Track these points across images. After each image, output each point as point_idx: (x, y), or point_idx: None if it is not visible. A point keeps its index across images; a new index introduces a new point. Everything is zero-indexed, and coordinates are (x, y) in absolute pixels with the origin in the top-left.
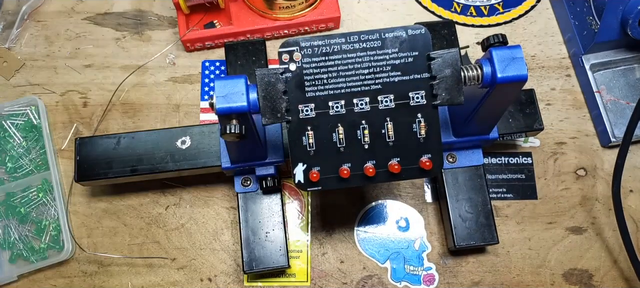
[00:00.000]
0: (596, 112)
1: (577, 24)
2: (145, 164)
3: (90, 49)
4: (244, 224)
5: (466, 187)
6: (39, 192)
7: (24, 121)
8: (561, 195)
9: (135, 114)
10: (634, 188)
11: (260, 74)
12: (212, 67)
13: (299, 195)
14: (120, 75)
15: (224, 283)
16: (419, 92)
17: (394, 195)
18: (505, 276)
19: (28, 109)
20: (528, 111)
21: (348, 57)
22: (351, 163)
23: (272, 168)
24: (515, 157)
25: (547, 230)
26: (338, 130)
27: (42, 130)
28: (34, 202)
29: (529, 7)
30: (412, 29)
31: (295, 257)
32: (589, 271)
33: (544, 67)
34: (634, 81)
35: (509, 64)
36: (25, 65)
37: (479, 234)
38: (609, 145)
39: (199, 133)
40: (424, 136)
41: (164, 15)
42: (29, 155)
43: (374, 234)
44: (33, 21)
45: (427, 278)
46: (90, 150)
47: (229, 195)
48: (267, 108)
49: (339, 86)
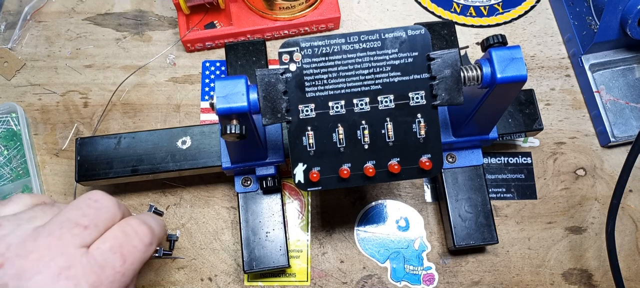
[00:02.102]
0: (595, 112)
1: (577, 24)
2: (146, 164)
3: (90, 49)
4: (244, 224)
5: (466, 187)
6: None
7: (5, 129)
8: (561, 195)
9: (136, 114)
10: (634, 188)
11: (261, 74)
12: (213, 68)
13: (299, 195)
14: (121, 75)
15: (225, 282)
16: (418, 92)
17: (394, 195)
18: (504, 276)
19: (8, 116)
20: (527, 111)
21: (348, 58)
22: (351, 164)
23: (273, 168)
24: (515, 157)
25: (547, 230)
26: (338, 130)
27: (22, 138)
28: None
29: (528, 8)
30: (412, 30)
31: (296, 256)
32: (589, 271)
33: (543, 67)
34: (634, 81)
35: (508, 64)
36: (25, 65)
37: (479, 234)
38: (609, 145)
39: (200, 133)
40: (423, 136)
41: (165, 15)
42: (10, 165)
43: (374, 234)
44: (34, 21)
45: (426, 277)
46: (90, 150)
47: (229, 195)
48: (267, 108)
49: (339, 86)
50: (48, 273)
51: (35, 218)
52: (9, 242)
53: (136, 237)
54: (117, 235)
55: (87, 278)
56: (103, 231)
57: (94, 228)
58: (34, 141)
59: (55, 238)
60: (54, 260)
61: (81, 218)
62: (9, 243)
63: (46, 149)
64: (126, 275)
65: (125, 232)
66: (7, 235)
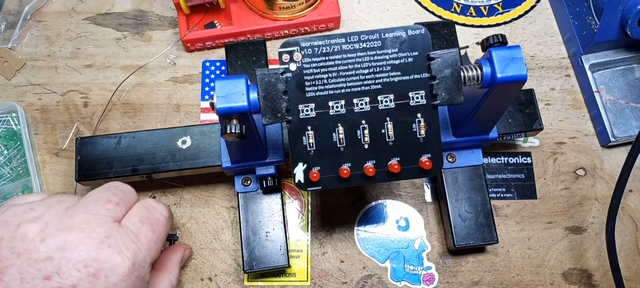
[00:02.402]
0: (595, 112)
1: (577, 24)
2: (146, 164)
3: (91, 49)
4: (245, 224)
5: (466, 186)
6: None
7: (5, 129)
8: (561, 195)
9: (136, 114)
10: (634, 188)
11: (261, 74)
12: (213, 67)
13: (299, 194)
14: (121, 75)
15: (225, 282)
16: (418, 92)
17: (394, 195)
18: (504, 275)
19: (8, 116)
20: (527, 111)
21: (348, 57)
22: (351, 163)
23: (273, 168)
24: (515, 156)
25: (547, 229)
26: (338, 130)
27: (22, 137)
28: None
29: (528, 8)
30: (412, 29)
31: (296, 256)
32: (589, 271)
33: (543, 67)
34: (634, 81)
35: (508, 64)
36: (26, 65)
37: (479, 234)
38: (609, 145)
39: (200, 133)
40: (423, 136)
41: (165, 15)
42: (10, 164)
43: (374, 234)
44: (34, 21)
45: (426, 277)
46: (91, 149)
47: (229, 194)
48: (267, 108)
49: (339, 86)
50: (91, 243)
51: (64, 201)
52: (46, 220)
53: (157, 211)
54: (140, 210)
55: (126, 245)
56: (128, 209)
57: (123, 205)
58: (34, 141)
59: (91, 214)
60: (95, 231)
61: (112, 197)
62: (46, 221)
63: (46, 149)
64: (157, 244)
65: (146, 207)
66: (43, 215)
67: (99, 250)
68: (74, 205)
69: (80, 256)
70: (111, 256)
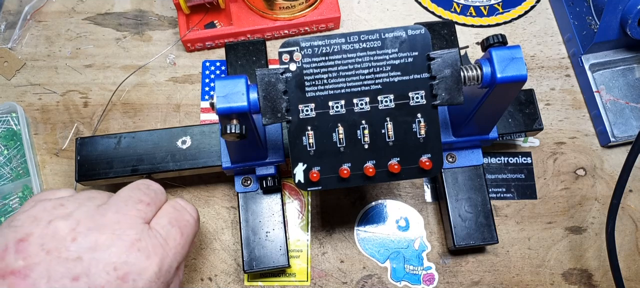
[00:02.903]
0: (595, 112)
1: (577, 24)
2: (146, 164)
3: (90, 49)
4: (244, 224)
5: (466, 186)
6: (22, 200)
7: (5, 129)
8: (561, 195)
9: (136, 114)
10: (634, 188)
11: (261, 74)
12: (213, 67)
13: (299, 194)
14: (121, 75)
15: (225, 282)
16: (418, 92)
17: (394, 195)
18: (504, 276)
19: (8, 116)
20: (527, 111)
21: (348, 57)
22: (351, 163)
23: (273, 168)
24: (515, 156)
25: (547, 229)
26: (338, 130)
27: (22, 137)
28: (15, 211)
29: (528, 7)
30: (411, 29)
31: (296, 256)
32: (589, 271)
33: (543, 67)
34: (634, 81)
35: (508, 64)
36: (25, 65)
37: (479, 234)
38: (609, 145)
39: (200, 133)
40: (423, 136)
41: (165, 15)
42: (10, 164)
43: (374, 234)
44: (34, 21)
45: (426, 277)
46: (90, 150)
47: (229, 194)
48: (267, 108)
49: (339, 86)
50: (122, 245)
51: (94, 198)
52: (77, 218)
53: (186, 212)
54: (170, 211)
55: (155, 250)
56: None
57: (154, 205)
58: (34, 141)
59: (122, 214)
60: (126, 233)
61: (143, 196)
62: (77, 218)
63: (46, 149)
64: (185, 248)
65: (176, 208)
66: (74, 212)
67: (129, 253)
68: (104, 204)
69: (111, 258)
70: (140, 260)
